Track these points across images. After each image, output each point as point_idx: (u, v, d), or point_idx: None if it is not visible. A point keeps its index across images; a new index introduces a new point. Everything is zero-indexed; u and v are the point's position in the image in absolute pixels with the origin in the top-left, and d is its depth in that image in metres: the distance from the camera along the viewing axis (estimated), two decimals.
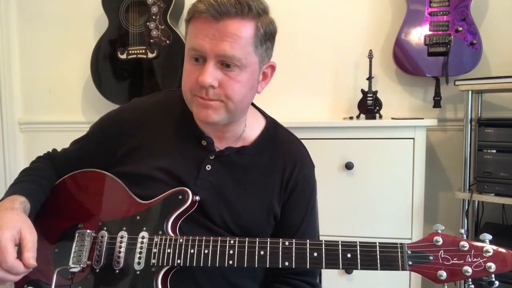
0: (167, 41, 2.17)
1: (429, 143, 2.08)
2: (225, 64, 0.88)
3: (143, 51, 2.19)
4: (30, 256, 0.86)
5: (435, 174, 2.09)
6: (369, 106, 1.99)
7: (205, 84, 0.87)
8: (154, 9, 2.17)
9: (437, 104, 2.01)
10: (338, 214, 1.82)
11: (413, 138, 1.77)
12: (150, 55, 2.18)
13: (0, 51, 2.48)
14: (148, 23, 2.18)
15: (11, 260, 0.83)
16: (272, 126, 1.08)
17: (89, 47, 2.29)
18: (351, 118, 2.05)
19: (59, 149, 1.16)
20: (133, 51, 2.20)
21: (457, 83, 1.78)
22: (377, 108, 1.99)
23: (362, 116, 2.01)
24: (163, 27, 2.17)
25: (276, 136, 1.07)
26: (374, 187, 1.81)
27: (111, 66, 2.26)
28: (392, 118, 1.93)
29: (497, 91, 1.92)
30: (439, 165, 2.11)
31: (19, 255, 0.86)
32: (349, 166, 1.81)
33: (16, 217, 0.89)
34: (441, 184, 2.10)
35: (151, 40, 2.18)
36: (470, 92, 1.77)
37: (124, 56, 2.21)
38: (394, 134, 1.79)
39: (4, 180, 2.50)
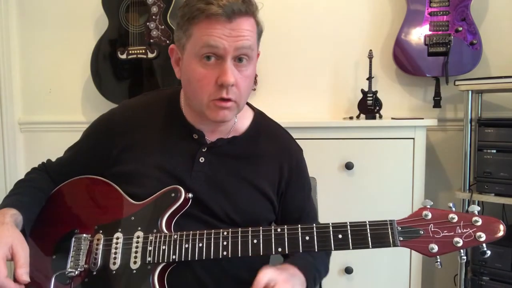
0: (167, 41, 2.17)
1: (429, 143, 2.07)
2: (237, 59, 0.92)
3: (143, 51, 2.19)
4: (23, 272, 0.87)
5: (435, 174, 2.09)
6: (369, 106, 1.99)
7: (230, 84, 0.90)
8: (154, 9, 2.17)
9: (437, 104, 2.01)
10: (338, 214, 1.80)
11: (413, 138, 1.77)
12: (150, 55, 2.19)
13: (0, 51, 2.48)
14: (148, 23, 2.18)
15: (2, 278, 0.85)
16: (260, 117, 1.11)
17: (89, 47, 2.29)
18: (351, 118, 2.05)
19: (57, 151, 1.16)
20: (133, 51, 2.20)
21: (457, 83, 1.78)
22: (377, 108, 1.99)
23: (362, 116, 2.01)
24: (163, 27, 2.17)
25: (265, 126, 1.10)
26: (374, 187, 1.81)
27: (111, 66, 2.26)
28: (392, 118, 1.93)
29: (497, 91, 1.92)
30: (439, 165, 2.11)
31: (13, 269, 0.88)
32: (349, 166, 1.81)
33: (7, 233, 0.90)
34: (441, 184, 2.10)
35: (151, 40, 2.18)
36: (470, 92, 1.77)
37: (124, 56, 2.21)
38: (394, 134, 1.79)
39: (4, 180, 2.50)
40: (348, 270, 1.83)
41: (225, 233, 0.90)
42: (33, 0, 2.52)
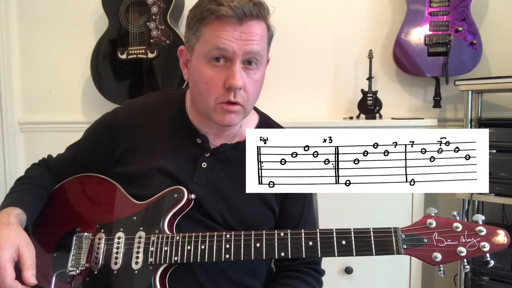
0: (167, 41, 2.17)
1: None
2: (247, 62, 0.92)
3: (143, 51, 2.19)
4: (30, 274, 0.87)
5: None
6: (369, 106, 1.99)
7: (238, 87, 0.90)
8: (154, 9, 2.17)
9: (437, 104, 2.01)
10: (338, 215, 1.82)
11: None
12: (150, 55, 2.19)
13: (0, 51, 2.48)
14: (148, 23, 2.18)
15: (10, 281, 0.85)
16: (265, 121, 1.10)
17: (89, 47, 2.29)
18: (351, 118, 2.05)
19: (57, 152, 1.16)
20: (133, 51, 2.20)
21: (457, 83, 1.78)
22: (377, 108, 1.99)
23: (362, 116, 2.01)
24: (163, 27, 2.17)
25: None
26: None
27: (111, 66, 2.26)
28: (392, 118, 1.93)
29: (497, 91, 1.92)
30: None
31: (18, 270, 0.87)
32: None
33: (13, 234, 0.90)
34: None
35: (151, 40, 2.18)
36: (470, 92, 1.77)
37: (124, 56, 2.21)
38: None
39: (4, 180, 2.50)
40: (348, 270, 1.83)
41: (228, 235, 0.90)
42: (33, 0, 2.53)
